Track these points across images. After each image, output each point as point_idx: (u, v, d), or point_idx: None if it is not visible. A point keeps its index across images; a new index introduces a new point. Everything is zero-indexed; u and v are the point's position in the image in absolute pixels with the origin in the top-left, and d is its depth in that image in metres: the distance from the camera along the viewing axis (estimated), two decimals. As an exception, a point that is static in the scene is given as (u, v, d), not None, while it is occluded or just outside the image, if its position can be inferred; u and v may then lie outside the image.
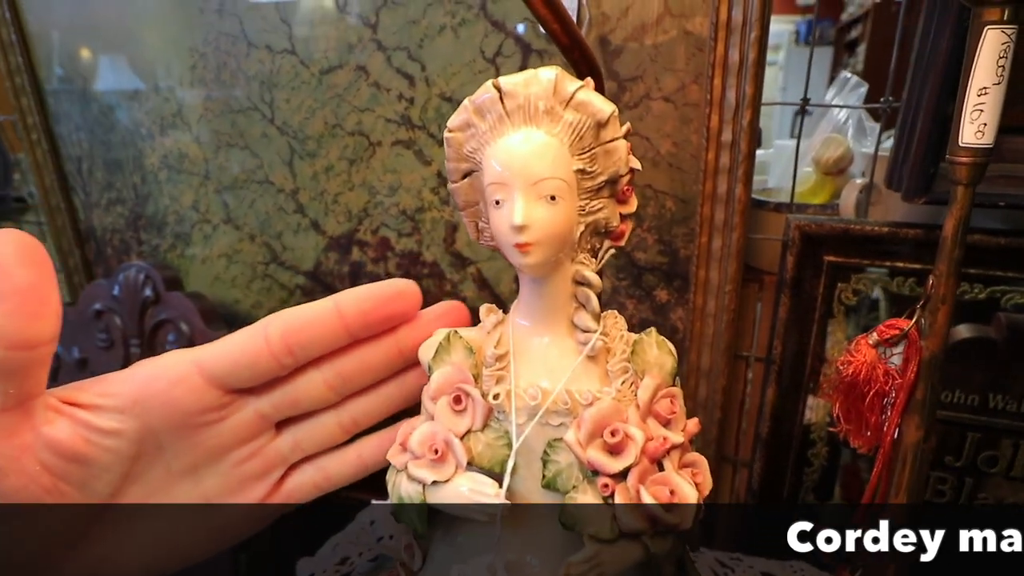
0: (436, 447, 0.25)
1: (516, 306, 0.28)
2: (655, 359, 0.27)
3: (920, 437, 0.37)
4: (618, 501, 0.23)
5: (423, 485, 0.25)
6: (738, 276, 0.62)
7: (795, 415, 0.66)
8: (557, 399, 0.25)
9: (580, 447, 0.24)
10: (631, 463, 0.24)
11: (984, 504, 0.62)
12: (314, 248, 0.82)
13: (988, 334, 0.60)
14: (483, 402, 0.26)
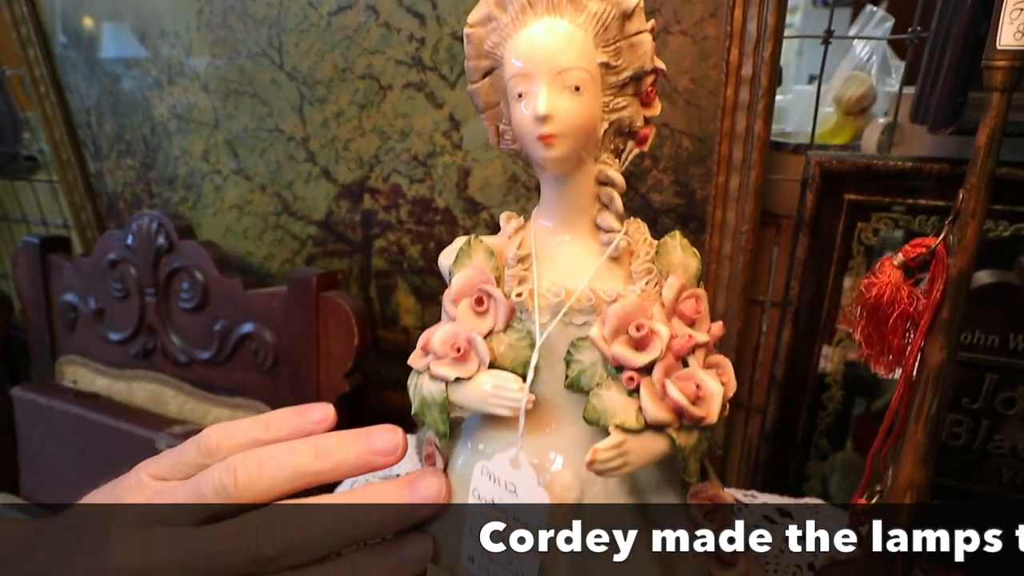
0: (458, 345, 0.25)
1: (538, 209, 0.28)
2: (679, 260, 0.26)
3: (944, 358, 0.36)
4: (643, 394, 0.23)
5: (446, 383, 0.25)
6: (755, 216, 0.61)
7: (810, 358, 0.65)
8: (581, 297, 0.25)
9: (604, 342, 0.24)
10: (656, 357, 0.23)
11: (999, 447, 0.62)
12: (325, 197, 0.81)
13: (1009, 279, 0.59)
14: (505, 302, 0.25)
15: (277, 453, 0.26)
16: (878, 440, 0.42)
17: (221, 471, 0.25)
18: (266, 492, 0.26)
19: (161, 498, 0.25)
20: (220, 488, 0.24)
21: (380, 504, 0.25)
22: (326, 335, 0.69)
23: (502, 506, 0.24)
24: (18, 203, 1.19)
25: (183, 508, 0.25)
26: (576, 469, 0.25)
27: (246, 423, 0.28)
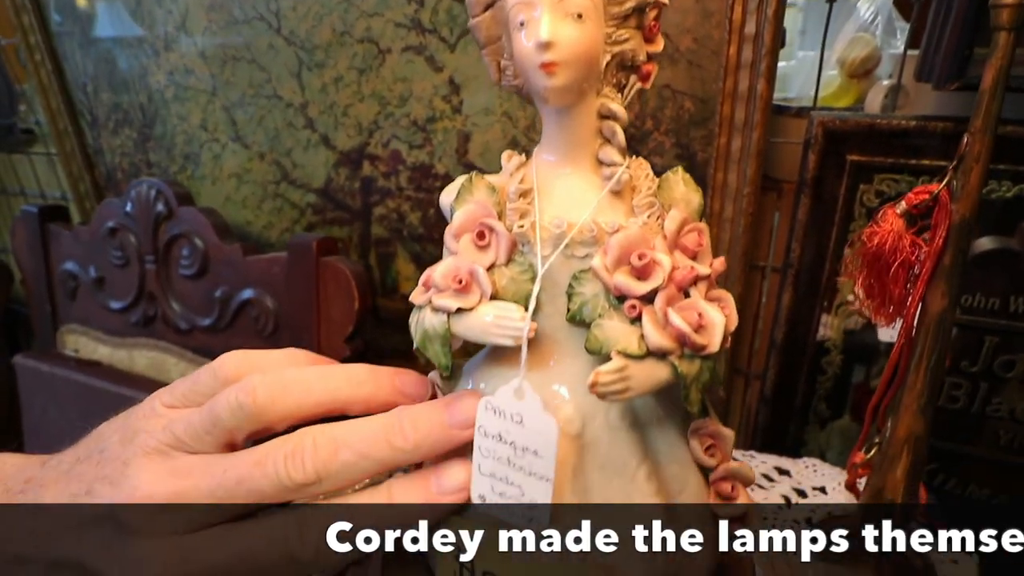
0: (460, 277, 0.25)
1: (539, 145, 0.27)
2: (682, 195, 0.26)
3: (946, 306, 0.36)
4: (645, 322, 0.23)
5: (447, 314, 0.25)
6: (756, 179, 0.61)
7: (810, 322, 0.65)
8: (583, 229, 0.25)
9: (607, 272, 0.24)
10: (658, 286, 0.23)
11: (997, 411, 0.62)
12: (324, 164, 0.81)
13: (1010, 245, 0.59)
14: (507, 235, 0.25)
15: (305, 376, 0.25)
16: (877, 393, 0.42)
17: (238, 390, 0.24)
18: (289, 415, 0.25)
19: (177, 426, 0.24)
20: (236, 407, 0.23)
21: (418, 427, 0.24)
22: (326, 300, 0.69)
23: (509, 438, 0.24)
24: (16, 176, 1.19)
25: (202, 433, 0.24)
26: (577, 403, 0.25)
27: (269, 352, 0.27)
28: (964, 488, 0.66)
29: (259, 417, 0.24)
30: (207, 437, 0.24)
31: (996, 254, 0.59)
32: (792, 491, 0.52)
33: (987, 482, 0.65)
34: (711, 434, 0.27)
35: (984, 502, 0.66)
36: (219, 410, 0.24)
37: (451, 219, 0.27)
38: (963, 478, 0.66)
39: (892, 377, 0.41)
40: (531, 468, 0.23)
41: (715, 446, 0.27)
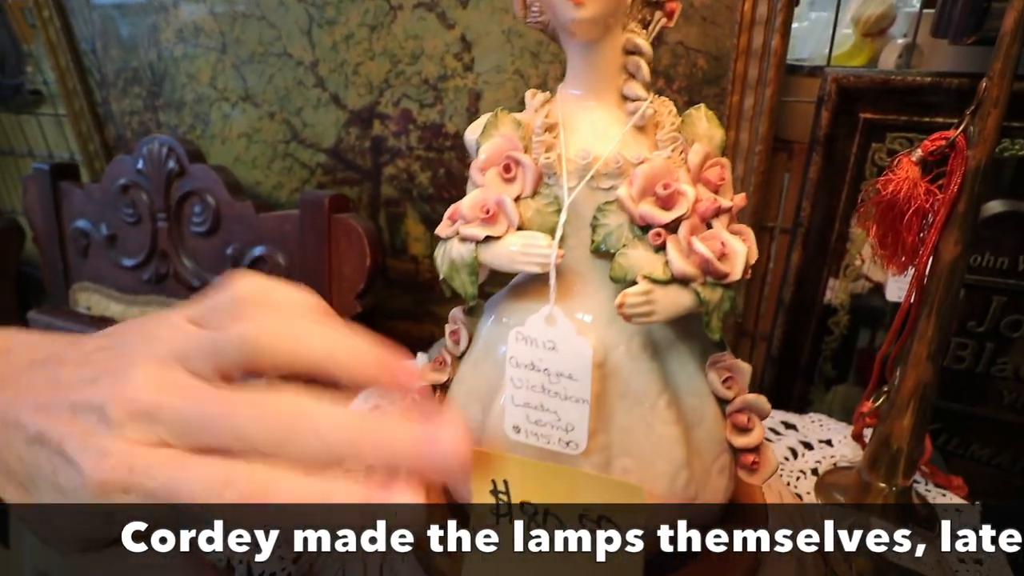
0: (487, 208, 0.25)
1: (564, 81, 0.28)
2: (704, 131, 0.27)
3: (959, 252, 0.37)
4: (670, 249, 0.24)
5: (475, 243, 0.25)
6: (768, 137, 0.61)
7: (818, 282, 0.66)
8: (608, 160, 0.25)
9: (632, 202, 0.24)
10: (683, 215, 0.24)
11: (1002, 371, 0.63)
12: (335, 124, 0.81)
13: (1021, 208, 0.59)
14: (533, 167, 0.26)
15: (312, 335, 0.25)
16: (886, 343, 0.43)
17: (249, 329, 0.24)
18: (285, 367, 0.24)
19: (188, 343, 0.25)
20: (240, 345, 0.23)
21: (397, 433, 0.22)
22: (338, 257, 0.69)
23: (543, 366, 0.25)
24: (24, 137, 1.19)
25: (205, 357, 0.24)
26: (600, 333, 0.26)
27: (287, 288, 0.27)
28: (966, 448, 0.67)
29: (257, 361, 0.24)
30: (208, 361, 0.24)
31: (1007, 217, 0.59)
32: (799, 444, 0.53)
33: (989, 442, 0.66)
34: (728, 367, 0.28)
35: (986, 462, 0.67)
36: (224, 343, 0.24)
37: (476, 155, 0.28)
38: (965, 438, 0.67)
39: (901, 328, 0.42)
40: (566, 392, 0.24)
41: (732, 379, 0.28)
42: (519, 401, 0.25)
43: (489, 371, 0.29)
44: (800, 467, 0.50)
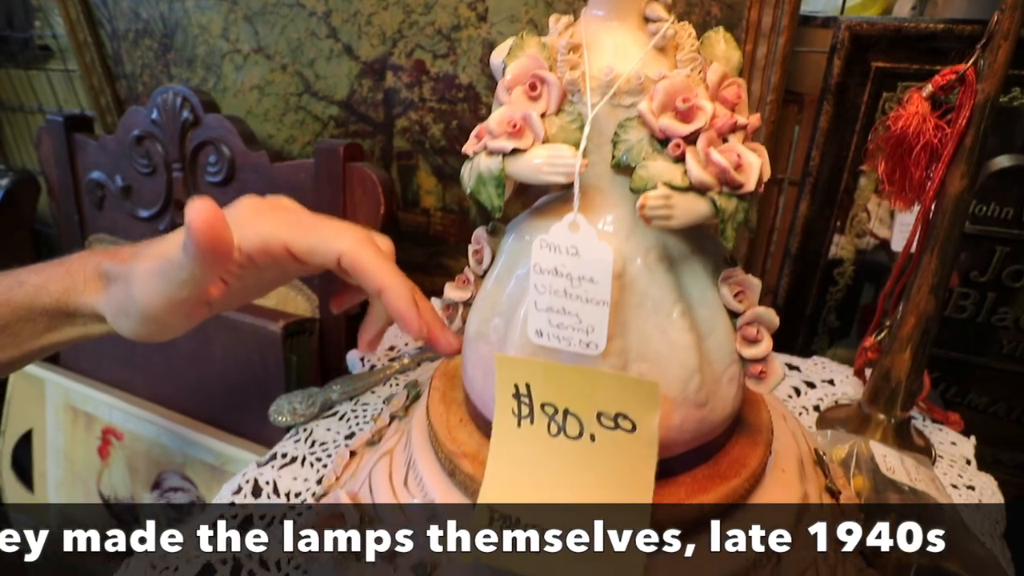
0: (514, 122, 0.26)
1: (588, 4, 0.29)
2: (723, 52, 0.28)
3: (964, 186, 0.38)
4: (689, 159, 0.25)
5: (502, 155, 0.27)
6: (780, 86, 0.62)
7: (825, 232, 0.67)
8: (630, 77, 0.26)
9: (652, 116, 0.25)
10: (701, 127, 0.25)
11: (1002, 320, 0.64)
12: (347, 75, 0.81)
13: None
14: (558, 84, 0.27)
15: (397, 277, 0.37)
16: (891, 280, 0.45)
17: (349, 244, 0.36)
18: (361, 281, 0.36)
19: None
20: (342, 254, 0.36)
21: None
22: (352, 205, 0.70)
23: (565, 271, 0.26)
24: (33, 93, 1.19)
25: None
26: (619, 246, 0.27)
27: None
28: (964, 396, 0.69)
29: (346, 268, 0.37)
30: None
31: (1015, 171, 0.60)
32: (802, 383, 0.54)
33: (987, 390, 0.68)
34: (740, 282, 0.29)
35: (983, 410, 0.69)
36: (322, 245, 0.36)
37: (502, 75, 0.29)
38: (964, 387, 0.69)
39: (905, 266, 0.43)
40: (588, 295, 0.26)
41: (743, 293, 0.29)
42: (542, 306, 0.27)
43: (511, 286, 0.30)
44: (803, 404, 0.52)
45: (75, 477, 0.93)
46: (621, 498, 0.27)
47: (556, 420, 0.27)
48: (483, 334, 0.31)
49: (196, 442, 0.80)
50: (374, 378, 0.54)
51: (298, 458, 0.47)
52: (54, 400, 0.93)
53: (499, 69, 0.29)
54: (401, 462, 0.35)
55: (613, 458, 0.27)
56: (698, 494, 0.29)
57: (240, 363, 0.75)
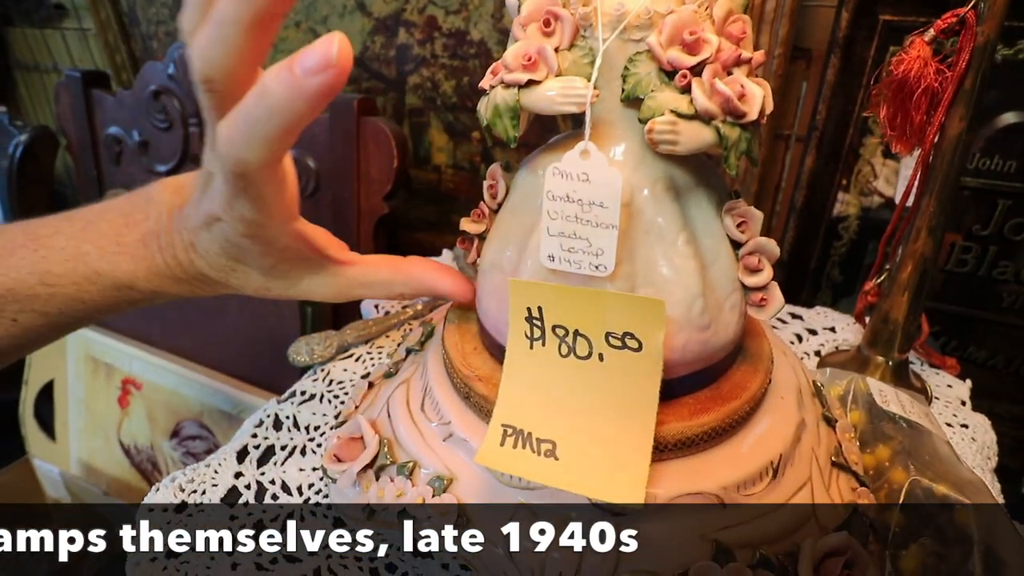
0: (529, 55, 0.28)
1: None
2: (729, -7, 0.29)
3: (963, 129, 0.39)
4: (695, 88, 0.26)
5: (518, 88, 0.28)
6: (788, 39, 0.62)
7: (830, 187, 0.68)
8: (639, 12, 0.27)
9: (660, 48, 0.27)
10: (707, 58, 0.26)
11: (1003, 273, 0.66)
12: (360, 32, 0.82)
13: None
14: (571, 19, 0.28)
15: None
16: (891, 224, 0.46)
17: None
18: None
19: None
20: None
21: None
22: (366, 159, 0.72)
23: (576, 196, 0.28)
24: (48, 52, 1.20)
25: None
26: (627, 176, 0.29)
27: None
28: (964, 349, 0.70)
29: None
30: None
31: (1020, 127, 0.61)
32: (804, 330, 0.56)
33: (986, 343, 0.69)
34: (742, 213, 0.30)
35: (982, 363, 0.70)
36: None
37: (517, 12, 0.30)
38: (964, 340, 0.70)
39: (905, 212, 0.45)
40: (598, 220, 0.27)
41: (745, 223, 0.30)
42: (554, 231, 0.28)
43: (524, 217, 0.32)
44: (804, 350, 0.53)
45: (96, 427, 0.97)
46: (628, 414, 0.28)
47: (567, 341, 0.29)
48: (497, 264, 0.33)
49: (214, 391, 0.82)
50: (388, 322, 0.56)
51: (316, 395, 0.49)
52: (75, 351, 0.95)
53: (514, 7, 0.30)
54: (418, 389, 0.37)
55: (621, 376, 0.29)
56: (700, 414, 0.30)
57: (256, 314, 0.78)
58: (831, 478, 0.32)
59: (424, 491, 0.31)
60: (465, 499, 0.30)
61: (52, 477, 0.97)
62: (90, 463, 0.98)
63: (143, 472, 0.95)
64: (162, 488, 0.41)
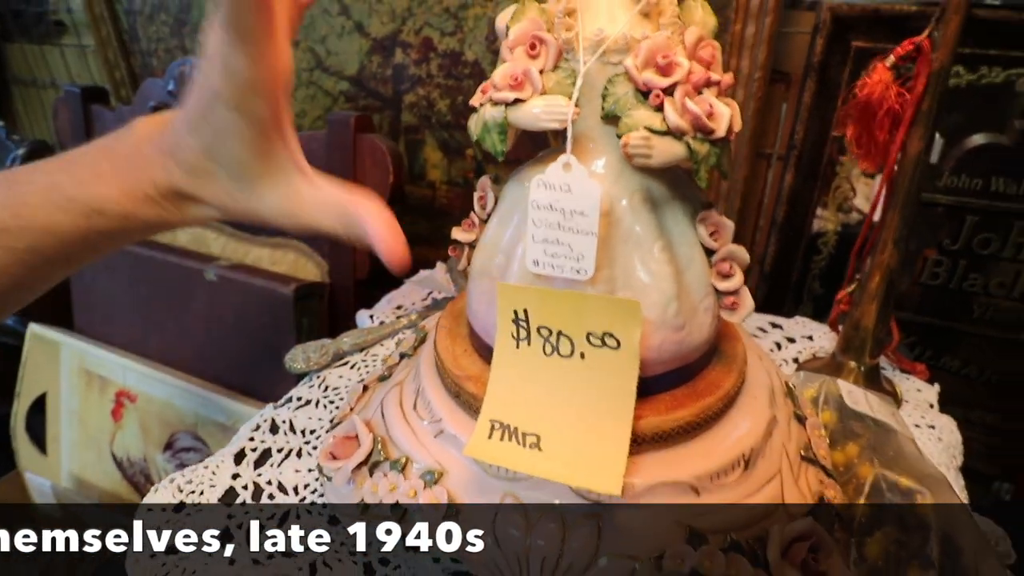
0: (516, 76, 0.30)
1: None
2: (700, 18, 0.31)
3: (922, 148, 0.42)
4: (667, 107, 0.29)
5: (505, 105, 0.30)
6: (767, 64, 0.65)
7: (809, 203, 0.71)
8: (617, 38, 0.30)
9: (636, 70, 0.29)
10: (678, 80, 0.29)
11: (972, 285, 0.68)
12: (358, 52, 0.85)
13: (1001, 141, 0.64)
14: (555, 43, 0.31)
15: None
16: (860, 237, 0.49)
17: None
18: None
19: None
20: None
21: None
22: (363, 174, 0.74)
23: (559, 206, 0.30)
24: (47, 68, 1.22)
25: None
26: (607, 188, 0.31)
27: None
28: (938, 359, 0.73)
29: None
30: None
31: (987, 148, 0.64)
32: (783, 339, 0.58)
33: (959, 353, 0.72)
34: (715, 223, 0.33)
35: (955, 372, 0.73)
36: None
37: (505, 36, 0.32)
38: (937, 351, 0.73)
39: (873, 226, 0.47)
40: (578, 227, 0.29)
41: (718, 232, 0.33)
42: (539, 238, 0.30)
43: (512, 226, 0.34)
44: (783, 357, 0.56)
45: (88, 439, 0.97)
46: (608, 408, 0.30)
47: (550, 341, 0.31)
48: (486, 270, 0.35)
49: (208, 403, 0.83)
50: (383, 331, 0.58)
51: (312, 401, 0.51)
52: (69, 363, 0.96)
53: (503, 31, 0.33)
54: (411, 391, 0.39)
55: (601, 373, 0.31)
56: (676, 409, 0.33)
57: (252, 326, 0.79)
58: (800, 471, 0.34)
59: (416, 484, 0.33)
60: (455, 491, 0.32)
61: (43, 490, 0.97)
62: (82, 476, 0.98)
63: (135, 485, 0.95)
64: (160, 488, 0.43)
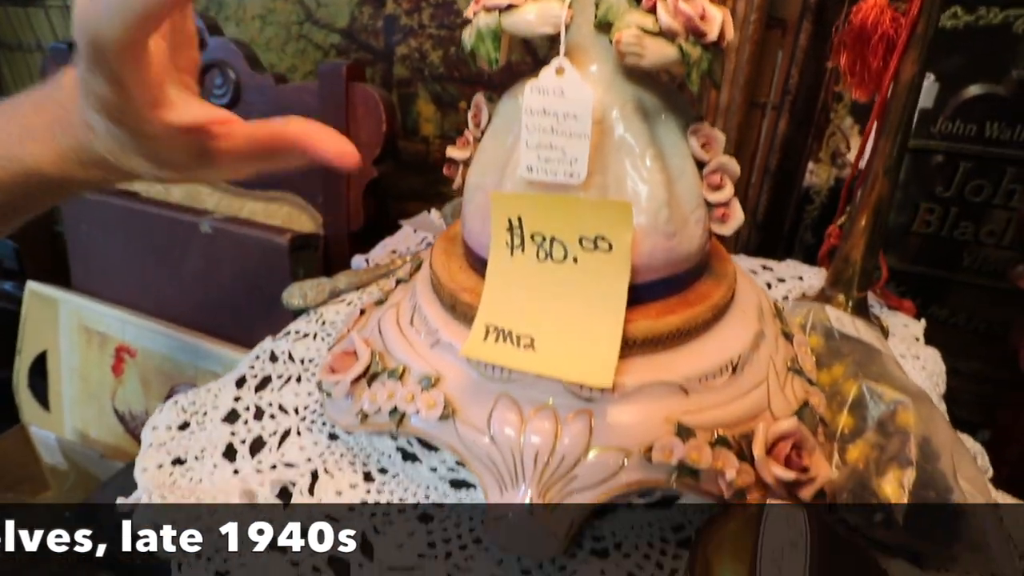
0: (508, -21, 0.30)
1: None
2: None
3: (916, 71, 0.42)
4: (659, 9, 0.29)
5: (499, 11, 0.31)
6: (764, 6, 0.65)
7: (803, 150, 0.71)
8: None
9: (630, -27, 0.30)
10: (672, -21, 0.29)
11: (963, 234, 0.69)
12: (348, 3, 0.84)
13: (998, 91, 0.64)
14: (548, -52, 0.31)
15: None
16: (852, 169, 0.49)
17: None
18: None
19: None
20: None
21: None
22: (355, 124, 0.74)
23: (552, 110, 0.30)
24: (32, 31, 1.20)
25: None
26: (600, 96, 0.32)
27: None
28: (927, 308, 0.74)
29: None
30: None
31: (984, 97, 0.65)
32: (774, 279, 0.59)
33: (948, 302, 0.73)
34: (706, 135, 0.33)
35: (943, 320, 0.74)
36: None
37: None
38: (927, 299, 0.74)
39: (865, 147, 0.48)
40: (571, 130, 0.30)
41: (709, 144, 0.33)
42: (532, 144, 0.31)
43: (506, 141, 0.34)
44: (773, 295, 0.56)
45: (90, 395, 0.98)
46: (600, 307, 0.31)
47: (544, 247, 0.32)
48: (481, 185, 0.35)
49: (207, 355, 0.84)
50: (378, 271, 0.58)
51: (310, 334, 0.52)
52: (68, 321, 0.97)
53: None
54: (407, 308, 0.39)
55: (593, 276, 0.31)
56: (667, 315, 0.33)
57: (248, 277, 0.80)
58: (787, 380, 0.35)
59: (413, 389, 0.33)
60: (452, 394, 0.33)
61: (48, 443, 0.98)
62: (85, 432, 0.99)
63: (138, 439, 0.96)
64: (165, 409, 0.43)
